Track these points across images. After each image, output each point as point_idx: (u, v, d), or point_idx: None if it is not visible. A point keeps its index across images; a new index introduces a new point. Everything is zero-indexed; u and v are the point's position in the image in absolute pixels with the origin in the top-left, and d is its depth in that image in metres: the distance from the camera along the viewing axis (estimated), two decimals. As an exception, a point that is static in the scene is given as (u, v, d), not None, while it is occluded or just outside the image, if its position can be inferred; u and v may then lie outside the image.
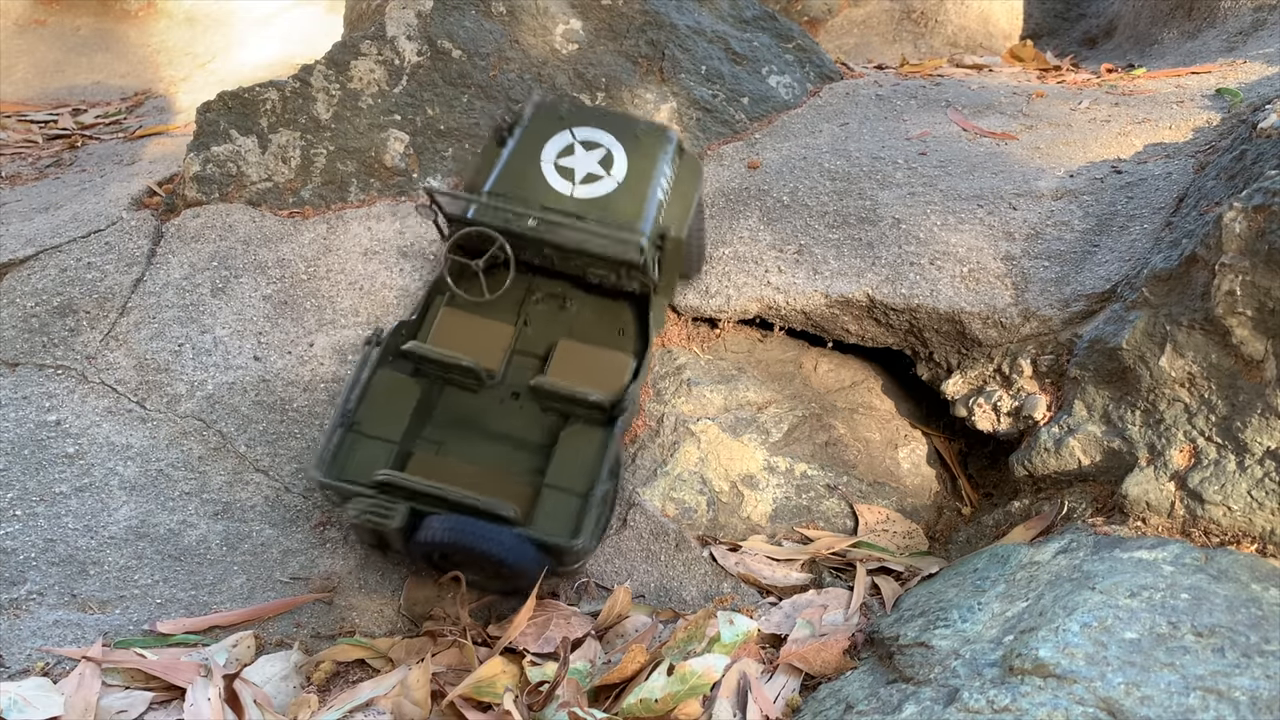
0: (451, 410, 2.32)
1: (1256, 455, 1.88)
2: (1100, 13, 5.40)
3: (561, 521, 2.09)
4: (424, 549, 1.94)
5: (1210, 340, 1.98)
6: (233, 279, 2.82)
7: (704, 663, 1.83)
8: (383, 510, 1.93)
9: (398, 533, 1.94)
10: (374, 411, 2.19)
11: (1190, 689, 1.46)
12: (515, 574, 1.95)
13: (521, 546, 1.92)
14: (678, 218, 2.44)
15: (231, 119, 3.10)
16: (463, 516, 1.91)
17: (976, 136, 3.15)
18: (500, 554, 1.89)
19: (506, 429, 2.31)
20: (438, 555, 1.99)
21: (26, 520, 2.19)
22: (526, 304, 2.51)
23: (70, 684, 1.77)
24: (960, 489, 2.63)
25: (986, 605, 1.83)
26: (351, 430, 2.15)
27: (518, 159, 2.41)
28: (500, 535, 1.90)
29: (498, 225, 2.29)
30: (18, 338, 2.64)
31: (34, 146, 4.24)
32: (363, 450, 2.14)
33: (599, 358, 2.36)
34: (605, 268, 2.38)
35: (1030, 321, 2.43)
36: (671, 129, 2.54)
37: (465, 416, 2.32)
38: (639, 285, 2.41)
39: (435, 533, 1.89)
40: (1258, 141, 2.23)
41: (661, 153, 2.45)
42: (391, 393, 2.21)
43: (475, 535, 1.88)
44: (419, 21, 3.25)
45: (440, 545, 1.90)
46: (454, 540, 1.87)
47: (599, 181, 2.37)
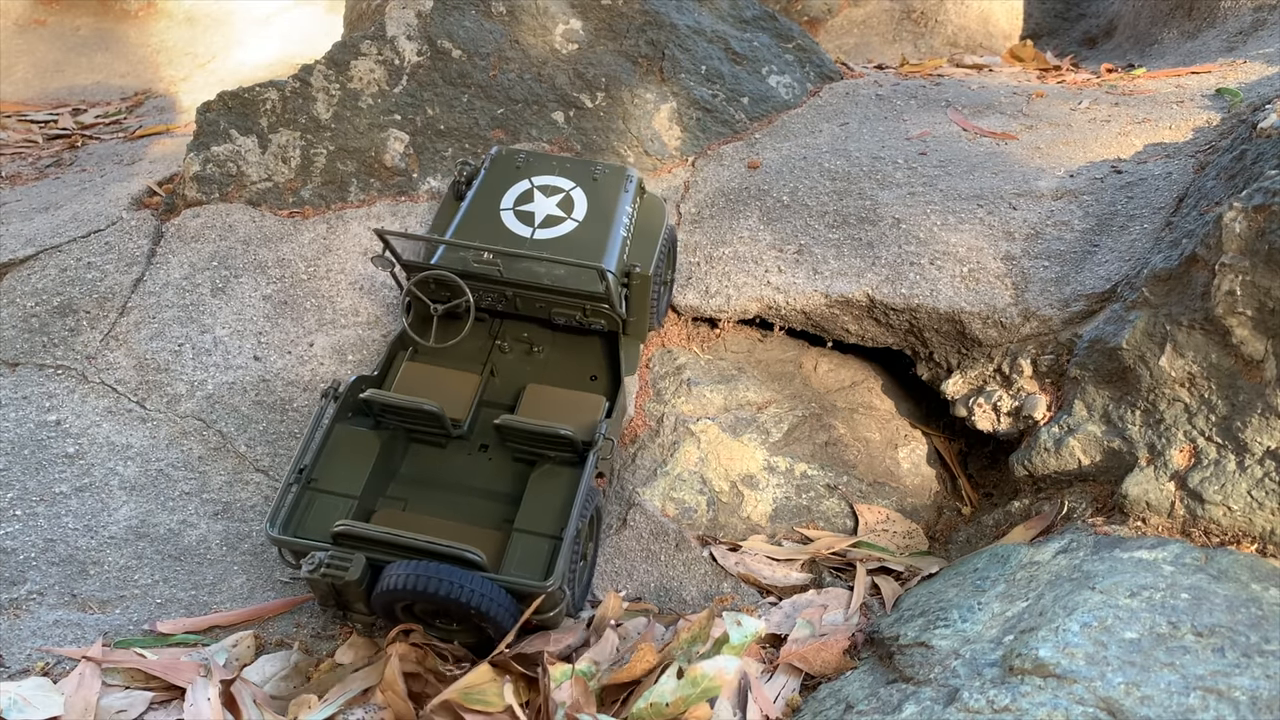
0: (417, 467, 2.21)
1: (1256, 455, 1.88)
2: (1100, 13, 5.40)
3: (534, 563, 1.98)
4: (386, 599, 1.80)
5: (1210, 340, 1.98)
6: (233, 279, 2.82)
7: (715, 665, 1.81)
8: (339, 563, 1.80)
9: (356, 587, 1.81)
10: (332, 467, 2.07)
11: (1190, 689, 1.46)
12: (485, 621, 1.81)
13: (491, 591, 1.78)
14: (644, 255, 2.39)
15: (231, 119, 3.10)
16: (426, 562, 1.78)
17: (976, 136, 3.15)
18: (467, 600, 1.75)
19: (475, 482, 2.19)
20: (401, 606, 1.85)
21: (26, 520, 2.19)
22: (493, 352, 2.42)
23: (70, 684, 1.77)
24: (960, 489, 2.63)
25: (986, 605, 1.83)
26: (308, 487, 2.03)
27: (476, 208, 2.37)
28: (467, 580, 1.76)
29: (457, 269, 2.21)
30: (18, 338, 2.64)
31: (34, 146, 4.24)
32: (320, 507, 2.02)
33: (569, 399, 2.26)
34: (570, 305, 2.29)
35: (1030, 321, 2.42)
36: (631, 169, 2.51)
37: (431, 473, 2.20)
38: (606, 323, 2.33)
39: (396, 579, 1.75)
40: (1258, 141, 2.23)
41: (622, 192, 2.41)
42: (350, 447, 2.10)
43: (440, 581, 1.74)
44: (419, 21, 3.25)
45: (402, 594, 1.76)
46: (417, 587, 1.74)
47: (559, 224, 2.34)
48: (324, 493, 2.04)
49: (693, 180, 3.14)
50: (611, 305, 2.24)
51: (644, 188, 2.54)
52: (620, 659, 1.94)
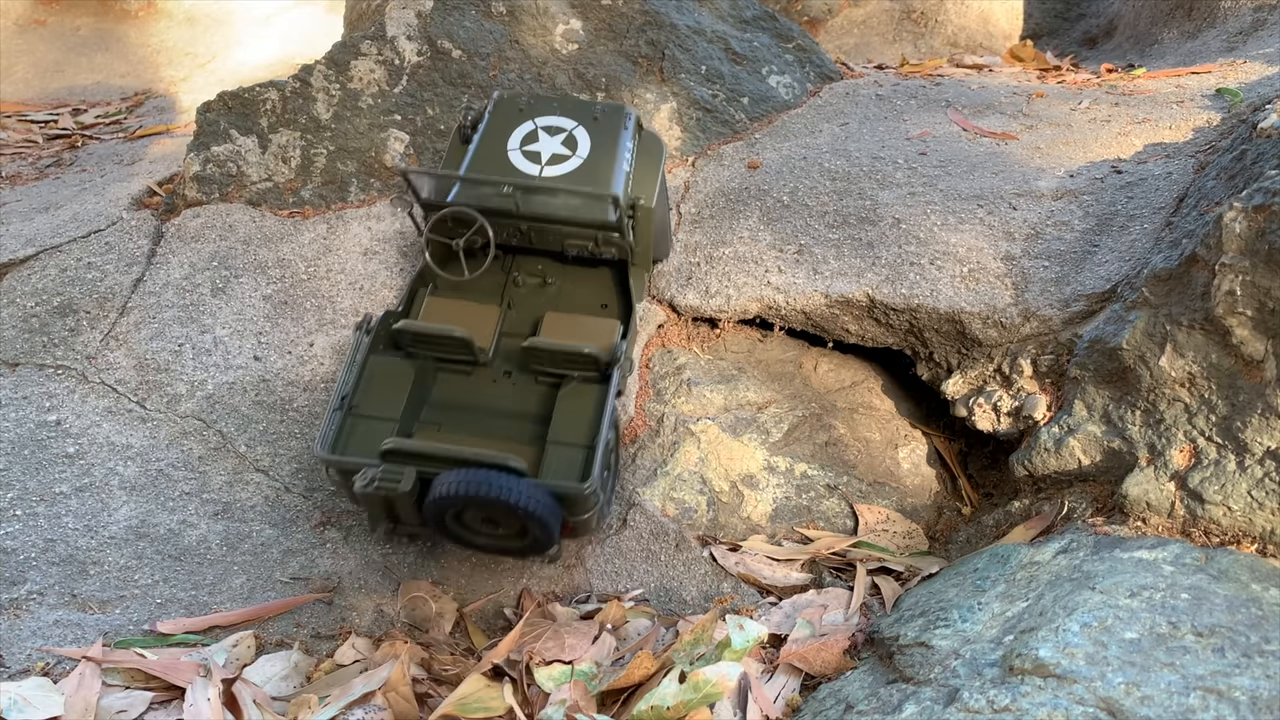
0: (446, 393, 2.34)
1: (1256, 455, 1.88)
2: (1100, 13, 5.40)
3: (569, 472, 2.13)
4: (437, 507, 1.92)
5: (1210, 340, 1.98)
6: (233, 279, 2.82)
7: (717, 670, 1.81)
8: (392, 476, 1.92)
9: (407, 499, 1.94)
10: (371, 394, 2.20)
11: (1190, 689, 1.46)
12: (533, 522, 1.92)
13: (536, 493, 1.91)
14: (645, 188, 2.50)
15: (231, 119, 3.10)
16: (474, 469, 1.90)
17: (976, 136, 3.15)
18: (516, 501, 1.87)
19: (502, 405, 2.33)
20: (452, 514, 1.97)
21: (26, 520, 2.19)
22: (508, 286, 2.54)
23: (70, 684, 1.77)
24: (960, 489, 2.63)
25: (986, 605, 1.83)
26: (350, 413, 2.16)
27: (484, 150, 2.45)
28: (515, 483, 1.88)
29: (475, 205, 2.32)
30: (18, 338, 2.64)
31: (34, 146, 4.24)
32: (363, 430, 2.16)
33: (585, 324, 2.40)
34: (582, 236, 2.40)
35: (1030, 321, 2.42)
36: (630, 107, 2.60)
37: (460, 398, 2.33)
38: (616, 251, 2.43)
39: (448, 487, 1.87)
40: (1258, 141, 2.23)
41: (622, 129, 2.51)
42: (387, 375, 2.23)
43: (489, 485, 1.86)
44: (419, 21, 3.25)
45: (454, 499, 1.88)
46: (468, 492, 1.86)
47: (565, 161, 2.43)
48: (365, 418, 2.17)
49: (693, 180, 3.14)
50: (622, 232, 2.35)
51: (641, 124, 2.62)
52: (620, 660, 1.94)
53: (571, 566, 2.28)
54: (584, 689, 1.83)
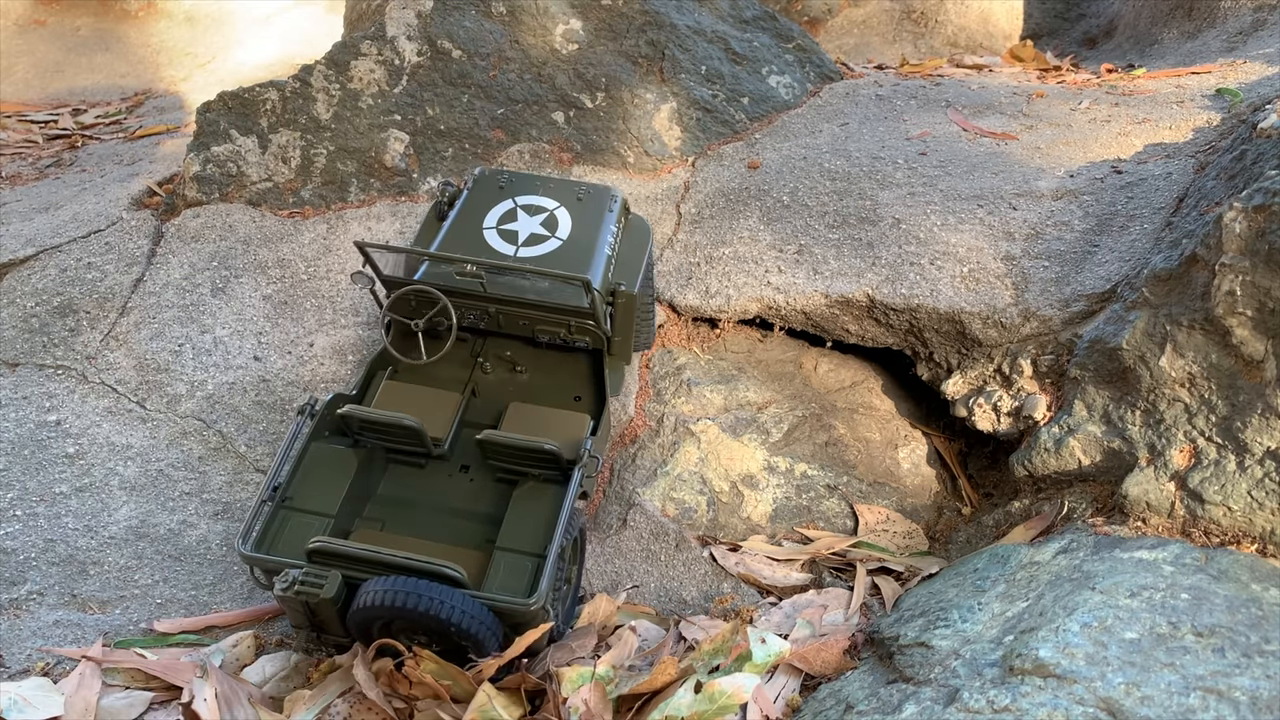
0: (395, 488, 2.13)
1: (1256, 455, 1.88)
2: (1100, 13, 5.40)
3: (515, 584, 1.91)
4: (363, 616, 1.72)
5: (1210, 340, 1.98)
6: (233, 279, 2.82)
7: (733, 682, 1.76)
8: (314, 580, 1.73)
9: (331, 605, 1.74)
10: (307, 485, 2.00)
11: (1190, 689, 1.46)
12: (466, 639, 1.74)
13: (472, 608, 1.71)
14: (628, 274, 2.35)
15: (231, 119, 3.10)
16: (404, 577, 1.71)
17: (976, 136, 3.15)
18: (448, 616, 1.68)
19: (455, 502, 2.12)
20: (379, 625, 1.78)
21: (26, 520, 2.19)
22: (474, 372, 2.35)
23: (70, 684, 1.77)
24: (960, 489, 2.63)
25: (986, 605, 1.83)
26: (282, 506, 1.96)
27: (459, 227, 2.32)
28: (448, 595, 1.70)
29: (440, 285, 2.16)
30: (18, 338, 2.64)
31: (34, 146, 4.24)
32: (294, 525, 1.95)
33: (553, 418, 2.20)
34: (554, 322, 2.23)
35: (1030, 321, 2.42)
36: (615, 189, 2.47)
37: (410, 494, 2.13)
38: (591, 340, 2.28)
39: (373, 596, 1.68)
40: (1258, 141, 2.23)
41: (606, 211, 2.38)
42: (328, 465, 2.03)
43: (419, 596, 1.67)
44: (419, 21, 3.25)
45: (380, 610, 1.69)
46: (395, 603, 1.67)
47: (543, 242, 2.30)
48: (299, 511, 1.97)
49: (693, 180, 3.14)
50: (596, 320, 2.20)
51: (628, 208, 2.51)
52: (639, 666, 1.92)
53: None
54: (602, 693, 1.79)
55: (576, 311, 2.19)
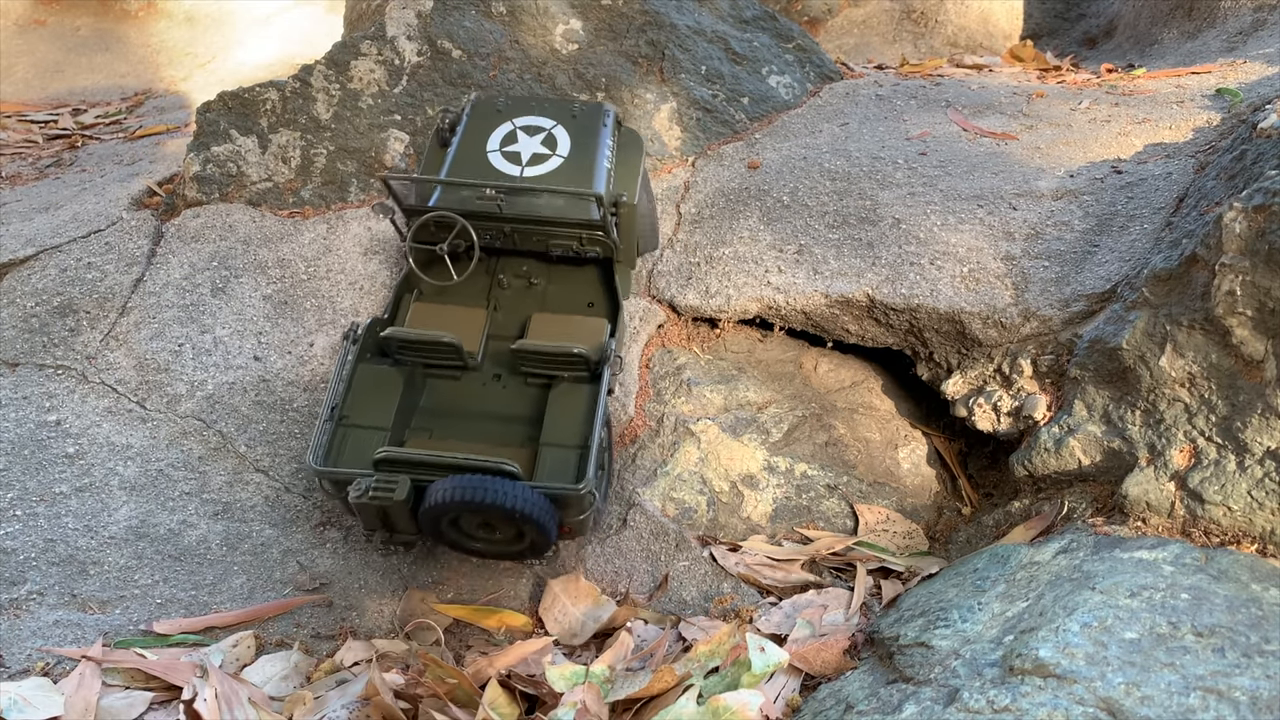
0: (436, 399, 2.32)
1: (1256, 455, 1.88)
2: (1100, 13, 5.40)
3: (563, 473, 2.12)
4: (433, 514, 1.90)
5: (1210, 340, 1.98)
6: (233, 279, 2.82)
7: (738, 698, 1.74)
8: (386, 485, 1.91)
9: (403, 507, 1.93)
10: (361, 403, 2.18)
11: (1190, 689, 1.46)
12: (529, 526, 1.91)
13: (532, 496, 1.90)
14: (627, 185, 2.49)
15: (231, 119, 3.10)
16: (468, 475, 1.89)
17: (976, 136, 3.15)
18: (511, 505, 1.86)
19: (493, 408, 2.31)
20: (447, 521, 1.96)
21: (26, 520, 2.19)
22: (493, 289, 2.52)
23: (70, 684, 1.77)
24: (960, 489, 2.63)
25: (986, 605, 1.83)
26: (340, 424, 2.15)
27: (463, 153, 2.44)
28: (509, 487, 1.88)
29: (457, 209, 2.30)
30: (18, 338, 2.64)
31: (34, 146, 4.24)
32: (354, 439, 2.14)
33: (573, 324, 2.39)
34: (566, 235, 2.39)
35: (1030, 321, 2.42)
36: (608, 104, 2.59)
37: (450, 403, 2.32)
38: (601, 249, 2.42)
39: (443, 494, 1.86)
40: (1258, 141, 2.23)
41: (601, 126, 2.50)
42: (376, 383, 2.22)
43: (484, 490, 1.85)
44: (419, 21, 3.25)
45: (449, 506, 1.87)
46: (463, 498, 1.85)
47: (545, 160, 2.43)
48: (356, 427, 2.15)
49: (693, 180, 3.14)
50: (606, 230, 2.34)
51: (620, 121, 2.62)
52: (634, 667, 1.91)
53: (572, 568, 2.28)
54: (597, 694, 1.80)
55: (588, 224, 2.33)
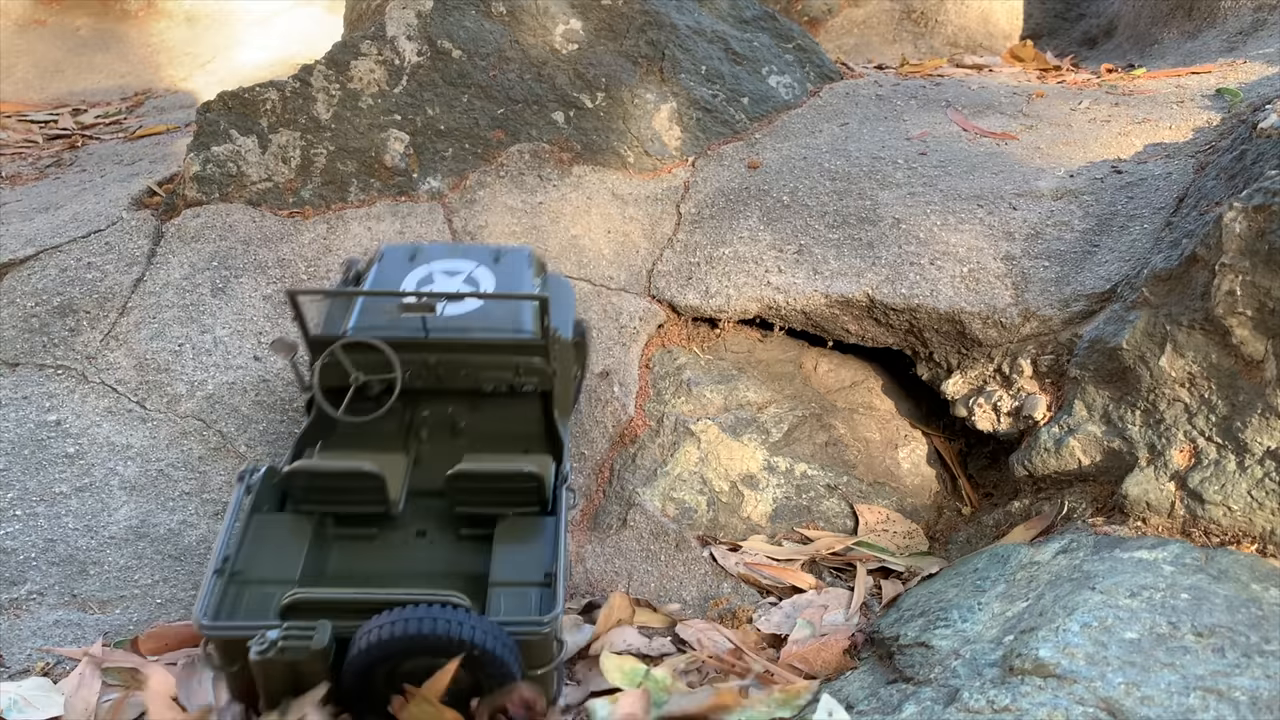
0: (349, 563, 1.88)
1: (1256, 455, 1.88)
2: (1100, 13, 5.40)
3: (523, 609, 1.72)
4: (364, 662, 1.52)
5: (1210, 340, 1.98)
6: (233, 279, 2.82)
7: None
8: (300, 633, 1.52)
9: (322, 661, 1.53)
10: (259, 555, 1.76)
11: (1190, 689, 1.46)
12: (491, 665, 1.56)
13: (493, 628, 1.55)
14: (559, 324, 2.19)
15: (231, 119, 3.10)
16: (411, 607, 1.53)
17: (976, 136, 3.15)
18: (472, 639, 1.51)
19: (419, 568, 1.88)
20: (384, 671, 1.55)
21: (26, 520, 2.19)
22: (412, 439, 2.11)
23: (70, 684, 1.77)
24: (960, 489, 2.63)
25: (986, 605, 1.83)
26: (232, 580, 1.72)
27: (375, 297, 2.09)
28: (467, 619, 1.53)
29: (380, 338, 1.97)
30: (18, 338, 2.64)
31: (34, 146, 4.24)
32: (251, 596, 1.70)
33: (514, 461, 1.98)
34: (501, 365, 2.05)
35: (1030, 321, 2.43)
36: (528, 246, 2.33)
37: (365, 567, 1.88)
38: (539, 380, 2.08)
39: (381, 632, 1.50)
40: (1258, 141, 2.23)
41: (525, 267, 2.23)
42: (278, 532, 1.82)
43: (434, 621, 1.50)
44: (419, 21, 3.25)
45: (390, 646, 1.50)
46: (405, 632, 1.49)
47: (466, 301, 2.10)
48: (254, 583, 1.73)
49: (693, 180, 3.14)
50: (547, 352, 2.04)
51: (544, 265, 2.37)
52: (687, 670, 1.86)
53: (570, 568, 2.28)
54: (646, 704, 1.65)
55: (525, 346, 2.03)
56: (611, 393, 2.60)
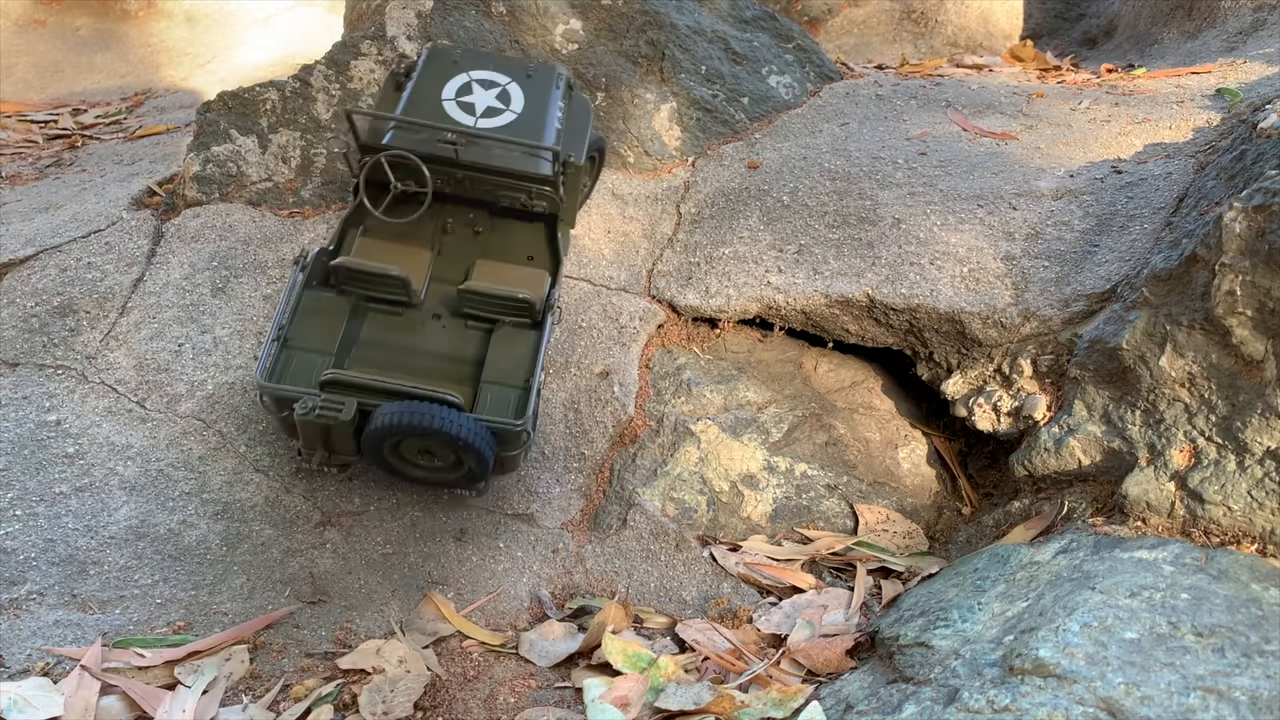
0: (376, 332, 2.39)
1: (1256, 455, 1.87)
2: (1100, 13, 5.40)
3: (503, 410, 2.21)
4: (377, 436, 1.99)
5: (1210, 340, 1.98)
6: (233, 279, 2.82)
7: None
8: (333, 404, 1.99)
9: (346, 429, 2.00)
10: (306, 328, 2.26)
11: (1190, 689, 1.46)
12: (470, 454, 2.01)
13: (476, 426, 1.99)
14: (575, 147, 2.55)
15: (231, 119, 3.10)
16: (415, 401, 1.98)
17: (976, 136, 3.15)
18: (457, 433, 1.95)
19: (432, 346, 2.38)
20: (390, 446, 2.05)
21: (26, 520, 2.19)
22: (439, 233, 2.56)
23: (70, 684, 1.77)
24: (960, 489, 2.63)
25: (986, 605, 1.83)
26: (286, 346, 2.22)
27: (418, 97, 2.47)
28: (455, 416, 1.97)
29: (414, 150, 2.34)
30: (18, 338, 2.64)
31: (34, 146, 4.24)
32: (299, 362, 2.21)
33: (515, 273, 2.47)
34: (516, 188, 2.44)
35: (1030, 321, 2.42)
36: (560, 66, 2.64)
37: (390, 338, 2.39)
38: (547, 204, 2.47)
39: (390, 417, 1.95)
40: (1258, 141, 2.23)
41: (554, 88, 2.56)
42: (322, 310, 2.29)
43: (432, 417, 1.94)
44: (419, 21, 3.25)
45: (395, 429, 1.95)
46: (410, 423, 1.94)
47: (499, 114, 2.47)
48: (301, 350, 2.23)
49: (693, 180, 3.14)
50: (555, 187, 2.41)
51: (572, 85, 2.68)
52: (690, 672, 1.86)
53: (570, 568, 2.28)
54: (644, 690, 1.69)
55: (538, 178, 2.39)
56: (611, 393, 2.60)
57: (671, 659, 1.87)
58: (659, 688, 1.76)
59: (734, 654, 1.96)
